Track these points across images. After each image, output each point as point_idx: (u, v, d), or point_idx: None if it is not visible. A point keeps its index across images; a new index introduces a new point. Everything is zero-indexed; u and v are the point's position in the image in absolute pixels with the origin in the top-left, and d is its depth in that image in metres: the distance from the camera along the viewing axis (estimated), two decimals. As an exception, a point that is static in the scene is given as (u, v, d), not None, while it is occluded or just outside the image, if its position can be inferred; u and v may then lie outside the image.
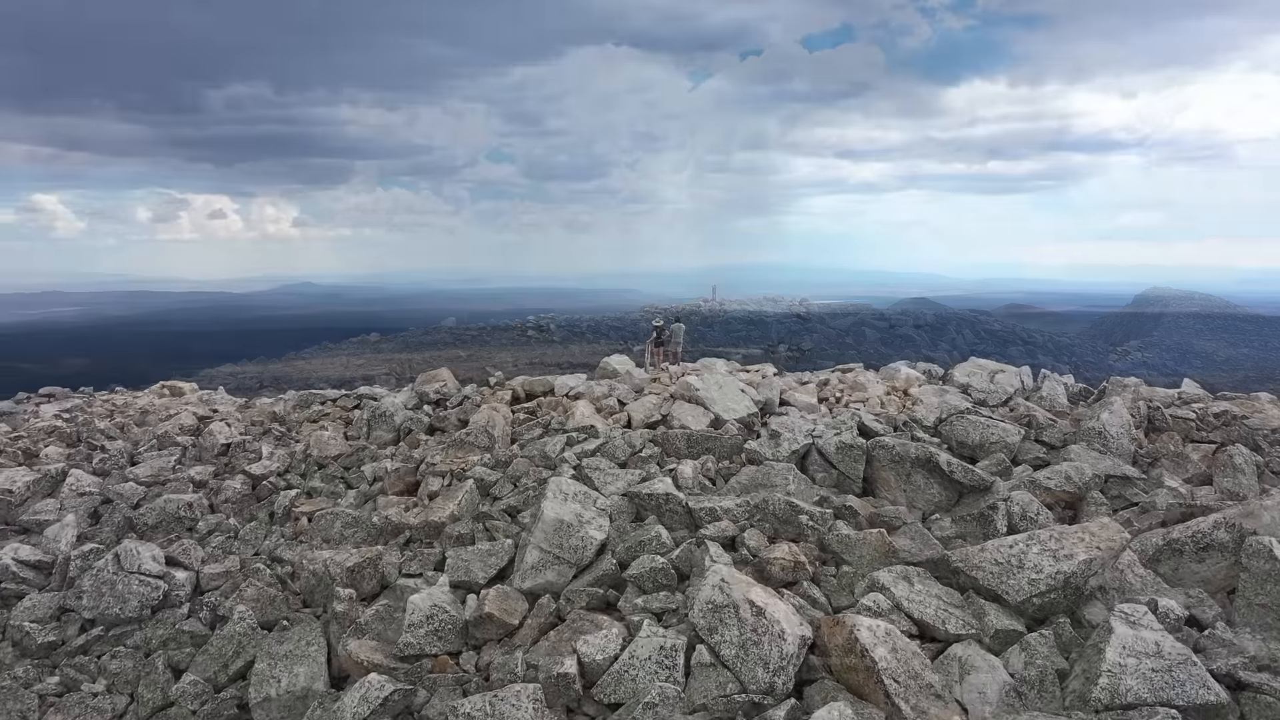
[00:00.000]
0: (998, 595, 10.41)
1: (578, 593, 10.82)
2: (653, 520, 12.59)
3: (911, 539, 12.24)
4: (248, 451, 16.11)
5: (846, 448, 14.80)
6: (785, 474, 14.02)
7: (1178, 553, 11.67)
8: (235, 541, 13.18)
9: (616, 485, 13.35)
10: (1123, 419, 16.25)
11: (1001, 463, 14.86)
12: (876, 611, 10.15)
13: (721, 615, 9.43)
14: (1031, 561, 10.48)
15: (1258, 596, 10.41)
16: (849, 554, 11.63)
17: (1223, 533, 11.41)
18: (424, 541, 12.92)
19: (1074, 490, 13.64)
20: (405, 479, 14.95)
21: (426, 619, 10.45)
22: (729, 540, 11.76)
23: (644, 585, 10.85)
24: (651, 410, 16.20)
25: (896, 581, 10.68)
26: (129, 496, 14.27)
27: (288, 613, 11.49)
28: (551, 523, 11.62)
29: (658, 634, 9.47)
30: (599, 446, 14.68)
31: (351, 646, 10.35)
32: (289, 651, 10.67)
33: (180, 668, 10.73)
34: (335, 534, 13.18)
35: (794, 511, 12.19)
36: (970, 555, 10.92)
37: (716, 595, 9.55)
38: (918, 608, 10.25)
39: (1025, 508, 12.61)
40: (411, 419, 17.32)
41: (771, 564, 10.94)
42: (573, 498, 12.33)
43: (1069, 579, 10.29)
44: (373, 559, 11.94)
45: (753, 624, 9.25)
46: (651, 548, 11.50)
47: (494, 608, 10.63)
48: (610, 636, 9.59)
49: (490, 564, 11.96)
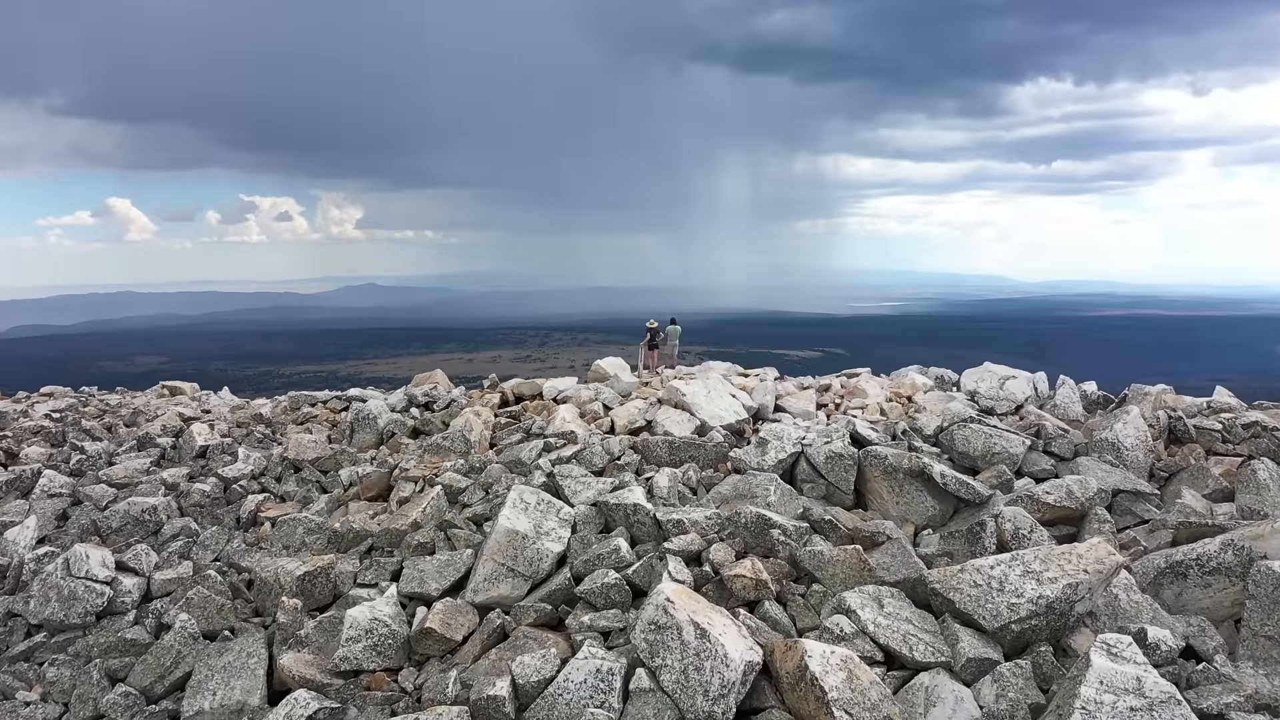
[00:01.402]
0: (974, 620, 9.61)
1: (525, 609, 10.26)
2: (620, 531, 12.00)
3: (892, 556, 11.44)
4: (225, 454, 15.87)
5: (836, 457, 14.03)
6: (767, 484, 13.31)
7: (1181, 576, 10.75)
8: (194, 546, 12.88)
9: (587, 494, 12.77)
10: (1138, 430, 15.22)
11: (1002, 475, 13.97)
12: (839, 635, 9.43)
13: (664, 637, 8.79)
14: (1013, 584, 9.66)
15: (1264, 627, 9.46)
16: (821, 572, 10.90)
17: (1230, 556, 10.46)
18: (385, 550, 12.47)
19: (1076, 506, 12.71)
20: (379, 484, 14.55)
21: (365, 633, 9.98)
22: (694, 555, 11.10)
23: (595, 602, 10.25)
24: (635, 415, 15.60)
25: (865, 604, 9.93)
26: (98, 499, 14.09)
27: (234, 622, 11.11)
28: (505, 534, 11.09)
29: (595, 656, 8.86)
30: (576, 453, 14.12)
31: (285, 660, 9.93)
32: (228, 664, 10.28)
33: (119, 677, 10.40)
34: (297, 540, 12.81)
35: (765, 525, 11.49)
36: (948, 576, 10.11)
37: (660, 616, 8.91)
38: (884, 632, 9.50)
39: (1018, 524, 11.73)
40: (395, 422, 16.95)
41: (733, 581, 10.27)
42: (534, 508, 11.78)
43: (1052, 604, 9.45)
44: (324, 568, 11.53)
45: (696, 647, 8.60)
46: (609, 561, 10.90)
47: (436, 622, 10.12)
48: (547, 657, 9.00)
49: (446, 575, 11.46)
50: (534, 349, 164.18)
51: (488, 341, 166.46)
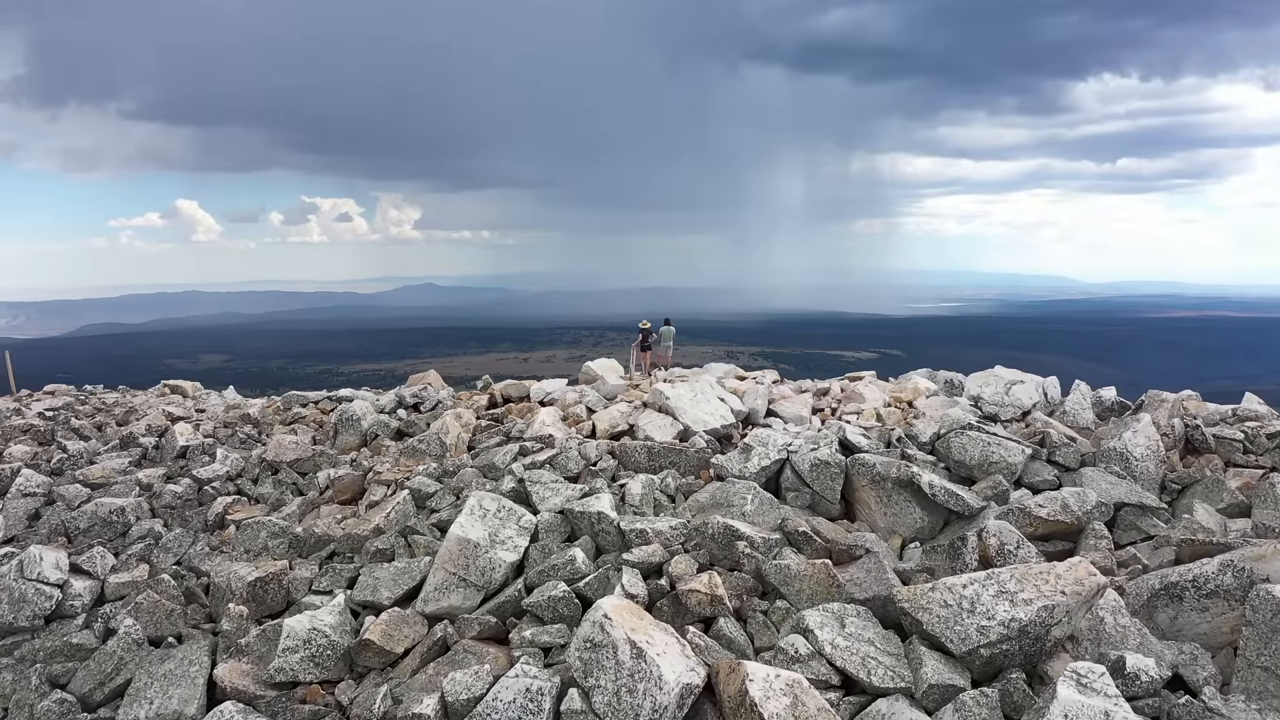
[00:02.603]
0: (942, 643, 8.95)
1: (469, 621, 9.80)
2: (584, 541, 11.51)
3: (867, 572, 10.79)
4: (205, 455, 15.71)
5: (822, 465, 13.38)
6: (744, 493, 12.71)
7: (1176, 599, 9.94)
8: (156, 549, 12.66)
9: (555, 501, 12.30)
10: (1149, 439, 14.33)
11: (998, 486, 13.20)
12: (793, 657, 8.82)
13: (598, 656, 8.28)
14: (984, 605, 8.95)
15: (1260, 657, 8.64)
16: (787, 587, 10.28)
17: (1229, 578, 9.63)
18: (346, 556, 12.14)
19: (1071, 521, 11.92)
20: (352, 487, 14.24)
21: (303, 643, 9.61)
22: (655, 567, 10.56)
23: (542, 615, 9.76)
24: (618, 419, 15.09)
25: (826, 623, 9.31)
26: (71, 498, 13.97)
27: (183, 628, 10.84)
28: (456, 542, 10.65)
29: (527, 674, 8.38)
30: (550, 457, 13.66)
31: (220, 670, 9.61)
32: (169, 671, 9.98)
33: (61, 683, 10.17)
34: (259, 544, 12.52)
35: (732, 537, 10.92)
36: (918, 595, 9.42)
37: (595, 633, 8.40)
38: (842, 654, 8.87)
39: (1003, 539, 10.97)
40: (379, 423, 16.65)
41: (688, 596, 9.72)
42: (493, 515, 11.33)
43: (1025, 628, 8.73)
44: (276, 574, 11.21)
45: (630, 668, 8.08)
46: (563, 573, 10.41)
47: (377, 634, 9.72)
48: (480, 674, 8.55)
49: (401, 584, 11.07)
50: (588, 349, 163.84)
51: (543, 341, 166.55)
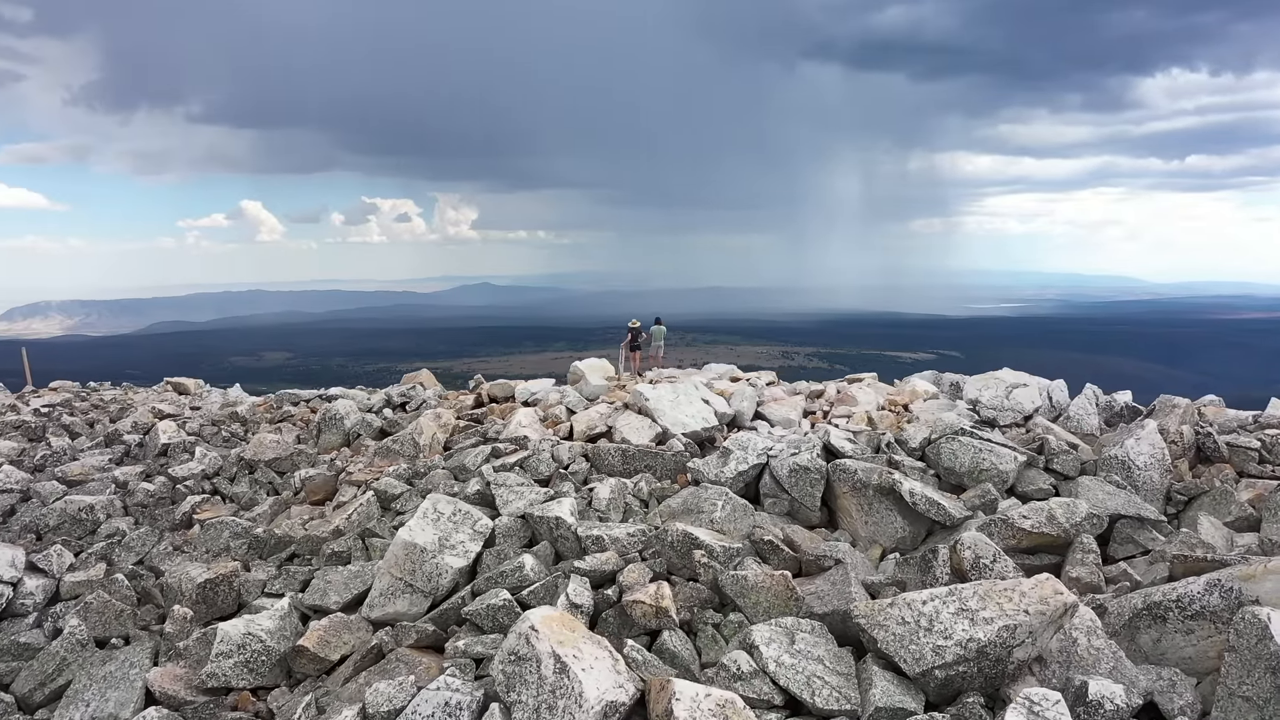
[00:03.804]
0: (895, 663, 8.40)
1: (407, 628, 9.45)
2: (543, 547, 11.14)
3: (833, 584, 10.26)
4: (185, 453, 15.64)
5: (801, 470, 12.84)
6: (715, 499, 12.22)
7: (1159, 620, 9.23)
8: (119, 548, 12.56)
9: (518, 505, 11.93)
10: (1154, 446, 13.53)
11: (987, 494, 12.54)
12: (735, 674, 8.33)
13: (522, 670, 7.88)
14: (943, 624, 8.37)
15: (1241, 686, 7.93)
16: (743, 599, 9.79)
17: (1216, 598, 8.91)
18: (305, 558, 11.91)
19: (1057, 533, 11.23)
20: (324, 488, 14.04)
21: (237, 648, 9.34)
22: (608, 576, 10.14)
23: (482, 624, 9.38)
24: (596, 421, 14.68)
25: (774, 639, 8.79)
26: (46, 495, 13.96)
27: (131, 629, 10.68)
28: (402, 546, 10.33)
29: (448, 687, 8.01)
30: (522, 460, 13.30)
31: (153, 674, 9.38)
32: (109, 673, 9.81)
33: (5, 683, 10.07)
34: (221, 545, 12.35)
35: (690, 545, 10.46)
36: (875, 611, 8.85)
37: (520, 646, 7.99)
38: (787, 673, 8.36)
39: (978, 552, 10.32)
40: (361, 423, 16.44)
41: (633, 607, 9.28)
42: (447, 518, 11.00)
43: (984, 649, 8.12)
44: (228, 575, 11.00)
45: (552, 683, 7.66)
46: (510, 580, 10.03)
47: (312, 640, 9.42)
48: (403, 685, 8.19)
49: (352, 588, 10.80)
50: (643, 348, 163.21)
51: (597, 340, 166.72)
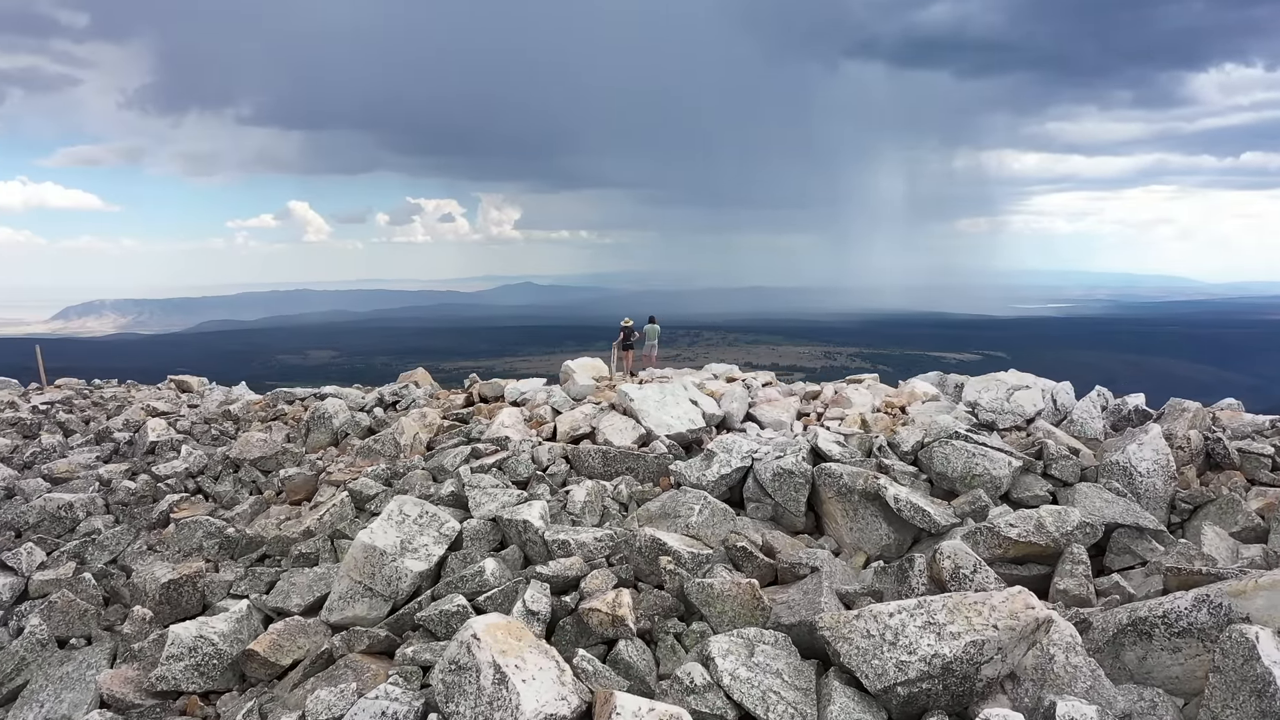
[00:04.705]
0: (857, 679, 8.01)
1: (359, 634, 9.21)
2: (512, 550, 10.89)
3: (805, 594, 9.89)
4: (172, 451, 15.60)
5: (785, 474, 12.45)
6: (693, 503, 11.85)
7: (1145, 636, 8.73)
8: (92, 546, 12.49)
9: (490, 507, 11.66)
10: (1157, 452, 12.96)
11: (978, 501, 12.07)
12: (688, 688, 7.98)
13: (461, 680, 7.59)
14: (908, 638, 7.94)
15: (1225, 710, 7.43)
16: (708, 608, 9.43)
17: (1204, 614, 8.40)
18: (275, 559, 11.74)
19: (1046, 543, 10.71)
20: (304, 487, 13.89)
21: (188, 651, 9.17)
22: (571, 581, 9.83)
23: (435, 630, 9.14)
24: (580, 421, 14.38)
25: (731, 650, 8.42)
26: (29, 493, 13.97)
27: (94, 630, 10.57)
28: (361, 549, 10.10)
29: (387, 696, 7.75)
30: (500, 461, 13.04)
31: (104, 675, 9.25)
32: (66, 674, 9.72)
33: (-34, 682, 10.02)
34: (194, 544, 12.22)
35: (658, 551, 10.13)
36: (841, 623, 8.44)
37: (461, 655, 7.71)
38: (742, 687, 7.99)
39: (958, 562, 9.87)
40: (350, 422, 16.30)
41: (589, 615, 8.97)
42: (412, 520, 10.76)
43: (949, 665, 7.70)
44: (192, 576, 10.85)
45: (490, 694, 7.37)
46: (470, 584, 9.75)
47: (264, 644, 9.22)
48: (345, 693, 7.97)
49: (316, 590, 10.60)
50: (684, 348, 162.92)
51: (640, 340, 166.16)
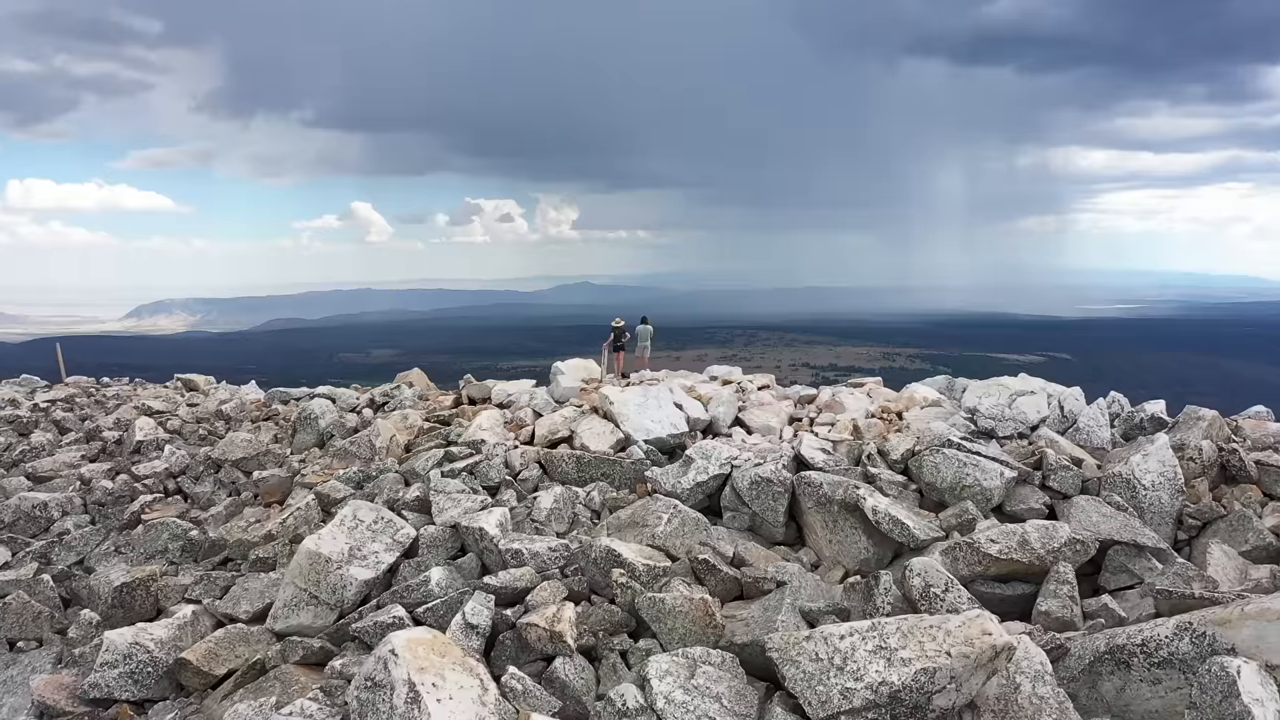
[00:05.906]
0: (800, 705, 7.49)
1: (294, 644, 8.91)
2: (471, 558, 10.54)
3: (765, 610, 9.38)
4: (157, 450, 15.54)
5: (762, 483, 11.91)
6: (662, 511, 11.36)
7: (1123, 666, 8.07)
8: (59, 547, 12.41)
9: (453, 513, 11.32)
10: (1164, 463, 12.17)
11: (965, 513, 11.42)
12: (620, 710, 7.53)
13: (375, 697, 7.22)
14: (856, 663, 7.42)
15: (1199, 752, 6.80)
16: (659, 624, 8.97)
17: (1186, 644, 7.73)
18: (236, 563, 11.53)
19: (1030, 560, 10.02)
20: (279, 489, 13.69)
21: (123, 658, 8.95)
22: (520, 593, 9.43)
23: (370, 642, 8.77)
24: (559, 425, 13.97)
25: (671, 671, 7.94)
26: (10, 491, 13.97)
27: (46, 633, 10.44)
28: (306, 555, 9.81)
29: (302, 712, 7.42)
30: (472, 465, 12.69)
31: (37, 680, 9.06)
32: (9, 678, 9.59)
33: (-85, 683, 9.94)
34: (159, 546, 12.08)
35: (612, 562, 9.68)
36: (790, 644, 7.92)
37: (377, 671, 7.34)
38: (677, 711, 7.51)
39: (929, 580, 9.27)
40: (335, 423, 16.10)
41: (528, 630, 8.56)
42: (365, 526, 10.45)
43: (897, 694, 7.16)
44: (145, 579, 10.66)
45: (401, 714, 6.99)
46: (415, 594, 9.40)
47: (197, 653, 8.97)
48: (261, 707, 7.67)
49: (266, 596, 10.34)
50: (739, 348, 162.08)
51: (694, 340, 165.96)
